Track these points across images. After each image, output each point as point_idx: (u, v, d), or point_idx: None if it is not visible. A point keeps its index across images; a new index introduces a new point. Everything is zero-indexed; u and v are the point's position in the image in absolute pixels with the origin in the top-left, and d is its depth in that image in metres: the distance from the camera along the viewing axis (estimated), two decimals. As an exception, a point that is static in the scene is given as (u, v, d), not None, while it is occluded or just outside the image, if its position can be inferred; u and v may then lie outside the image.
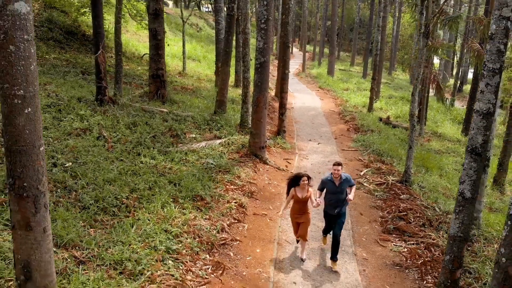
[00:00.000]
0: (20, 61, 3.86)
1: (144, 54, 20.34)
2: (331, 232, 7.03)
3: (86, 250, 5.52)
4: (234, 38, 17.04)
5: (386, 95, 26.14)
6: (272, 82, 22.81)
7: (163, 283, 5.24)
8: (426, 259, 7.05)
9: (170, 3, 46.03)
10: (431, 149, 15.71)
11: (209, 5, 58.20)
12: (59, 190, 6.83)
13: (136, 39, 24.32)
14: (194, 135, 11.45)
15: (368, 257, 7.23)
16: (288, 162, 12.01)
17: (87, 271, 5.12)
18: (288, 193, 6.81)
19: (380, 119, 17.94)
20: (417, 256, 7.16)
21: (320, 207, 6.95)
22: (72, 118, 9.92)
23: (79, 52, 18.06)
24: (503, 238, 3.91)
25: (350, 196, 6.71)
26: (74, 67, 15.52)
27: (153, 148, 9.66)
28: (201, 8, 53.77)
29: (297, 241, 7.20)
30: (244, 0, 13.37)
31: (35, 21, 19.21)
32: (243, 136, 12.20)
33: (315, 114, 19.22)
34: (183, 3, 42.84)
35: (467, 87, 32.73)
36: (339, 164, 6.73)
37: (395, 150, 13.45)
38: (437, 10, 9.57)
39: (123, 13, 14.01)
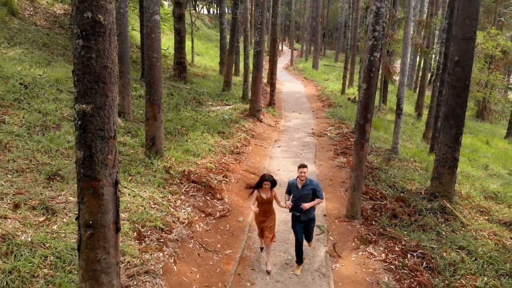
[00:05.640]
0: (156, 41, 8.76)
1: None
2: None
3: (168, 145, 10.38)
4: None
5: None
6: (264, 73, 27.69)
7: (210, 159, 10.16)
8: (357, 164, 11.99)
9: (166, 3, 50.33)
10: (385, 119, 20.79)
11: (204, 7, 62.98)
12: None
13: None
14: (211, 103, 16.35)
15: (322, 163, 12.21)
16: (277, 123, 16.98)
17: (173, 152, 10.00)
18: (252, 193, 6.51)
19: (349, 99, 22.99)
20: (351, 162, 12.13)
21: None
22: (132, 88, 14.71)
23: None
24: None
25: (306, 204, 6.26)
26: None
27: (187, 107, 14.54)
28: (197, 9, 58.38)
29: (261, 249, 7.00)
30: (245, 7, 18.28)
31: (70, 21, 23.97)
32: (245, 105, 17.13)
33: (299, 96, 24.23)
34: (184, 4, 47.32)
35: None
36: (303, 166, 6.42)
37: (354, 117, 18.43)
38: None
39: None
